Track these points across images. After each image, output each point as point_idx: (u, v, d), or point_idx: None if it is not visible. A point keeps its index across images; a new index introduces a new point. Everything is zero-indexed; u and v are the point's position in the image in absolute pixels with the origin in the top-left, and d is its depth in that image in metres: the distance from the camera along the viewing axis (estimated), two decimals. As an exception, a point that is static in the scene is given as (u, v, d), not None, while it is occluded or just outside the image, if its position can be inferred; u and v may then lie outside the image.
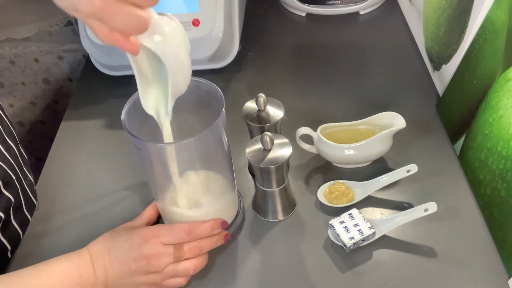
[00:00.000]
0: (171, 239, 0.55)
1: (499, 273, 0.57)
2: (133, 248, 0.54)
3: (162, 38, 0.48)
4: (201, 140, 0.52)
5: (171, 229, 0.56)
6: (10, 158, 0.62)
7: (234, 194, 0.64)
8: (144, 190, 0.70)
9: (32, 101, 1.16)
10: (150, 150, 0.53)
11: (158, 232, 0.55)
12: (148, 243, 0.54)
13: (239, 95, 0.84)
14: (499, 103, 0.58)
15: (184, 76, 0.51)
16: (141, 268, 0.54)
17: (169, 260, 0.55)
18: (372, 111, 0.69)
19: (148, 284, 0.55)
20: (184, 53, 0.50)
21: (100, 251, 0.54)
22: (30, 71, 1.10)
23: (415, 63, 0.87)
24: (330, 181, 0.67)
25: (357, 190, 0.66)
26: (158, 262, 0.54)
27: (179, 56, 0.49)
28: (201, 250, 0.57)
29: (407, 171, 0.65)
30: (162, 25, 0.48)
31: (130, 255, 0.54)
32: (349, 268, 0.59)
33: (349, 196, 0.65)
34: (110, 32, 0.43)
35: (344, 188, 0.65)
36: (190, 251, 0.56)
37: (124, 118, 0.53)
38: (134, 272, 0.54)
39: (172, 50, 0.49)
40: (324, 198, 0.65)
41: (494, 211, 0.59)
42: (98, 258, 0.54)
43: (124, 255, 0.54)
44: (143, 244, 0.54)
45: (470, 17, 0.67)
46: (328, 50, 0.93)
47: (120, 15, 0.42)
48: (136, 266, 0.54)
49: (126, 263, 0.54)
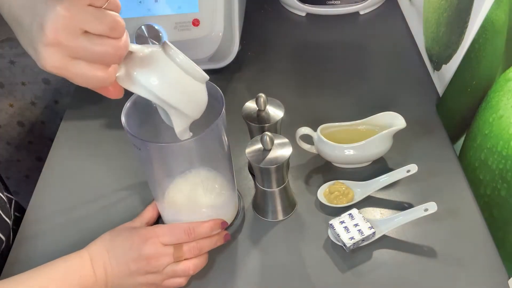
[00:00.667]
0: (170, 239, 0.55)
1: (499, 273, 0.57)
2: (133, 248, 0.54)
3: (146, 79, 0.44)
4: (201, 140, 0.52)
5: (171, 229, 0.56)
6: None
7: (234, 194, 0.64)
8: (144, 191, 0.70)
9: (32, 101, 1.16)
10: (150, 150, 0.53)
11: (157, 232, 0.55)
12: (148, 243, 0.54)
13: (239, 95, 0.84)
14: (499, 103, 0.58)
15: (196, 105, 0.49)
16: (141, 269, 0.54)
17: (168, 260, 0.55)
18: (372, 111, 0.69)
19: (148, 285, 0.55)
20: (186, 87, 0.47)
21: (100, 251, 0.54)
22: (30, 71, 1.10)
23: (415, 63, 0.87)
24: (330, 181, 0.67)
25: (357, 190, 0.66)
26: (158, 262, 0.54)
27: (179, 95, 0.47)
28: (201, 250, 0.57)
29: (407, 171, 0.65)
30: (144, 62, 0.44)
31: (130, 255, 0.54)
32: (349, 268, 0.59)
33: (349, 196, 0.65)
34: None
35: (344, 188, 0.65)
36: (189, 251, 0.56)
37: (124, 118, 0.53)
38: (134, 272, 0.54)
39: (167, 92, 0.45)
40: (324, 198, 0.65)
41: (494, 211, 0.59)
42: (97, 259, 0.54)
43: (124, 255, 0.54)
44: (142, 244, 0.54)
45: (470, 17, 0.67)
46: (328, 50, 0.93)
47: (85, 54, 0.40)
48: (135, 267, 0.54)
49: (125, 263, 0.54)
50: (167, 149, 0.53)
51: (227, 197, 0.62)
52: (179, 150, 0.53)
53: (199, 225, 0.57)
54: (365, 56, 0.92)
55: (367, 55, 0.92)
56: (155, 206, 0.63)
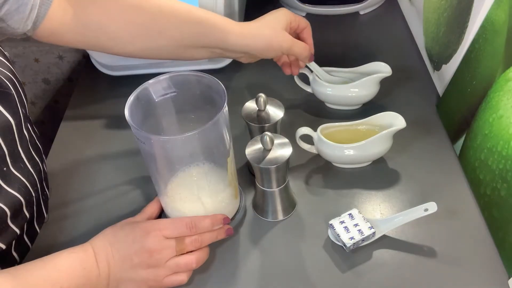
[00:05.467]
0: (172, 233, 0.56)
1: (499, 273, 0.57)
2: (135, 241, 0.54)
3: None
4: (204, 133, 0.52)
5: (173, 223, 0.56)
6: (35, 174, 0.62)
7: (236, 188, 0.64)
8: (144, 192, 0.70)
9: (32, 101, 1.16)
10: (154, 144, 0.54)
11: (159, 226, 0.56)
12: (150, 236, 0.54)
13: (239, 95, 0.84)
14: (499, 103, 0.58)
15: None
16: (143, 262, 0.54)
17: (171, 253, 0.55)
18: (372, 111, 0.69)
19: (149, 280, 0.55)
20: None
21: (103, 245, 0.55)
22: (30, 71, 1.10)
23: (415, 63, 0.87)
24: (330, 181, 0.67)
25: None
26: (160, 255, 0.54)
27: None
28: (202, 243, 0.57)
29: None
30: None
31: (132, 248, 0.54)
32: (349, 268, 0.59)
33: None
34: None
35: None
36: (191, 243, 0.56)
37: (128, 112, 0.53)
38: (136, 265, 0.54)
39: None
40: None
41: (494, 211, 0.59)
42: (100, 252, 0.54)
43: (126, 248, 0.54)
44: (145, 237, 0.54)
45: (470, 17, 0.67)
46: (328, 50, 0.93)
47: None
48: (138, 259, 0.54)
49: (128, 256, 0.54)
50: (170, 142, 0.53)
51: (229, 192, 0.62)
52: (182, 143, 0.54)
53: (201, 219, 0.57)
54: (365, 56, 0.92)
55: (367, 55, 0.92)
56: (157, 202, 0.63)
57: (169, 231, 0.55)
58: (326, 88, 0.77)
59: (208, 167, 0.60)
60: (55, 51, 1.07)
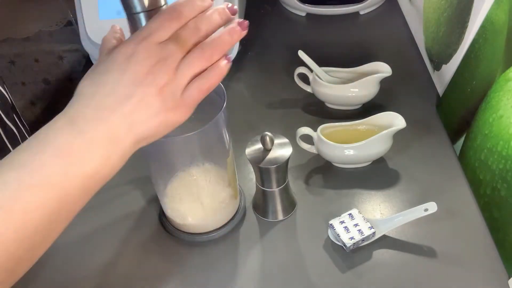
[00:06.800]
0: (164, 34, 0.41)
1: (499, 273, 0.57)
2: (126, 72, 0.39)
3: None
4: (203, 133, 0.52)
5: (151, 22, 0.41)
6: None
7: (236, 188, 0.64)
8: (144, 192, 0.70)
9: (32, 101, 1.16)
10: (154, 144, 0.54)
11: (139, 36, 0.40)
12: (139, 51, 0.39)
13: (239, 95, 0.84)
14: (499, 103, 0.58)
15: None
16: (151, 83, 0.40)
17: (176, 56, 0.41)
18: (372, 111, 0.69)
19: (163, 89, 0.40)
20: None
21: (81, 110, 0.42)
22: (30, 71, 1.10)
23: (415, 63, 0.87)
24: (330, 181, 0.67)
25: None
26: (166, 63, 0.40)
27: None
28: (199, 30, 0.42)
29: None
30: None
31: (123, 81, 0.40)
32: (349, 268, 0.59)
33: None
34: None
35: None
36: (189, 33, 0.42)
37: None
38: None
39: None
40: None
41: (494, 211, 0.59)
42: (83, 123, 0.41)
43: (115, 90, 0.40)
44: (132, 58, 0.39)
45: (470, 17, 0.67)
46: (328, 50, 0.93)
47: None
48: (141, 88, 0.40)
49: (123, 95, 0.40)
50: (169, 143, 0.53)
51: (229, 192, 0.62)
52: (182, 144, 0.54)
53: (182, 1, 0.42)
54: (365, 56, 0.92)
55: (367, 55, 0.92)
56: (113, 27, 0.46)
57: (158, 34, 0.40)
58: (326, 88, 0.77)
59: (208, 167, 0.60)
60: (55, 51, 1.07)
